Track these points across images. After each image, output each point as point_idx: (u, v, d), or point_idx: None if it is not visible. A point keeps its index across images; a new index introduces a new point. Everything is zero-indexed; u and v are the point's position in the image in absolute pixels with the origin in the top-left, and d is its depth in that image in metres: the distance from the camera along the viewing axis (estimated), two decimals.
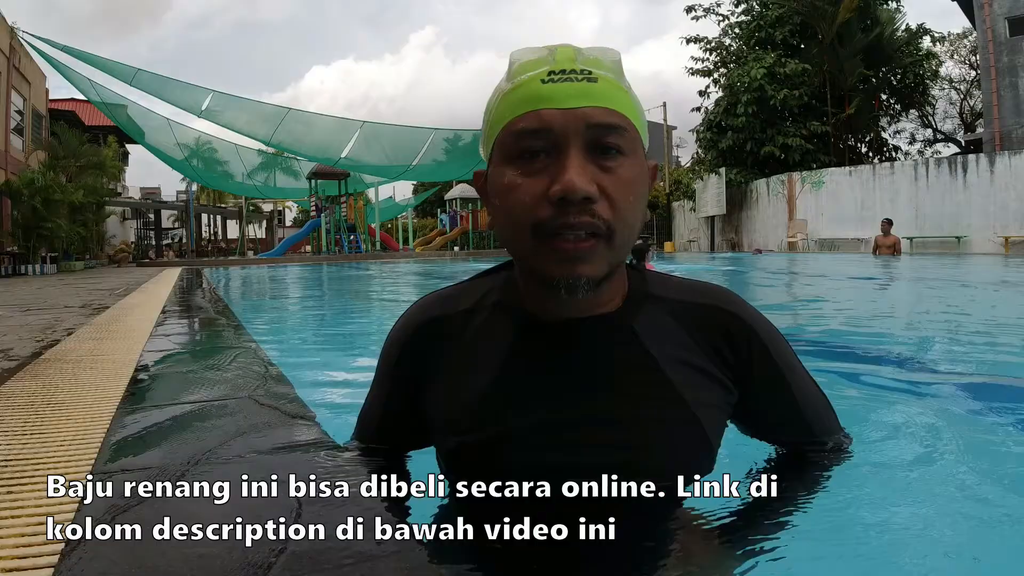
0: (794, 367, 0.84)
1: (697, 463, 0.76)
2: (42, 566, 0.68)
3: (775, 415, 0.84)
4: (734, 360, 0.79)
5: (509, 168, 0.71)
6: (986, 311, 4.51)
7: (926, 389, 2.07)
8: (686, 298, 0.81)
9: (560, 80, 0.69)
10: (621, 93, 0.71)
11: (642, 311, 0.78)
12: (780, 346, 0.83)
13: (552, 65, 0.70)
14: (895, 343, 3.12)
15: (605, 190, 0.68)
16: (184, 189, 29.20)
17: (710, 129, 22.44)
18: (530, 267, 0.73)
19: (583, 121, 0.68)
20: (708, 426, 0.76)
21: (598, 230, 0.68)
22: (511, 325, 0.79)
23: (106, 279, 10.00)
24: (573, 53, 0.71)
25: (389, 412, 0.89)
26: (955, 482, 1.17)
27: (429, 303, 0.87)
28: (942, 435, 1.49)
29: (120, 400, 1.51)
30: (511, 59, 0.74)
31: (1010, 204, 14.40)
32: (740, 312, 0.81)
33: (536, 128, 0.69)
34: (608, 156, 0.69)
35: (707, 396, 0.77)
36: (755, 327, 0.80)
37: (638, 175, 0.72)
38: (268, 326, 4.35)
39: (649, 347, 0.76)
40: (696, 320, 0.79)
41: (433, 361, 0.82)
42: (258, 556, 0.61)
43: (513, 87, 0.72)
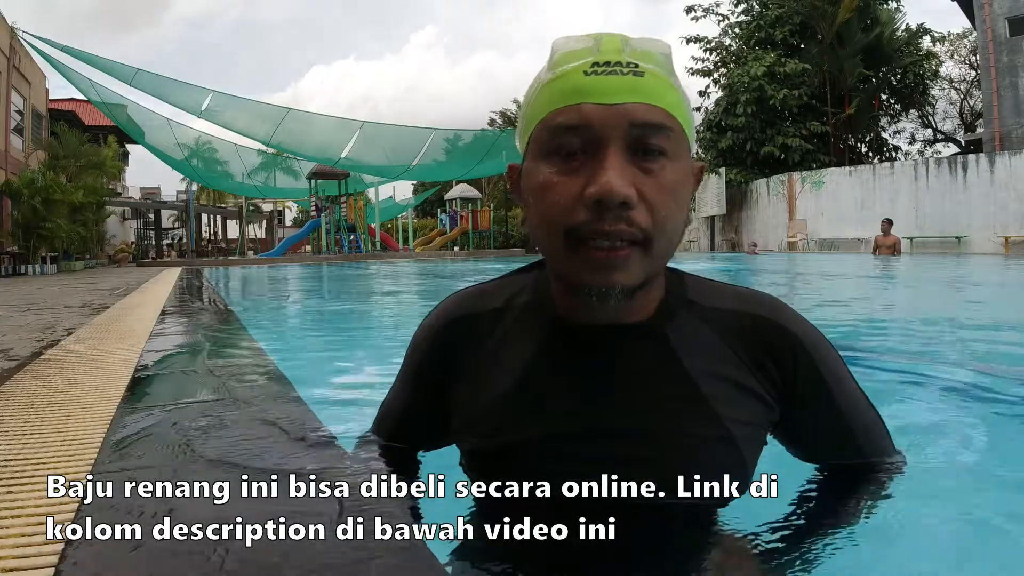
0: (843, 383, 0.78)
1: (729, 481, 0.70)
2: (42, 566, 0.68)
3: (823, 435, 0.79)
4: (778, 375, 0.73)
5: (544, 165, 0.67)
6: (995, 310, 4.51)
7: (942, 388, 2.07)
8: (727, 306, 0.76)
9: (604, 72, 0.64)
10: (670, 90, 0.67)
11: (678, 320, 0.74)
12: (829, 360, 0.77)
13: (597, 56, 0.65)
14: (907, 342, 3.12)
15: (644, 195, 0.63)
16: (184, 189, 29.19)
17: (710, 129, 22.44)
18: (561, 271, 0.69)
19: (626, 119, 0.63)
20: (743, 444, 0.71)
21: (635, 238, 0.63)
22: (539, 328, 0.76)
23: (106, 279, 10.00)
24: (620, 43, 0.66)
25: (411, 409, 0.87)
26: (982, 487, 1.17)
27: (462, 298, 0.84)
28: (968, 437, 1.49)
29: (120, 400, 1.51)
30: (553, 47, 0.69)
31: (1010, 204, 14.40)
32: (786, 323, 0.75)
33: (575, 124, 0.64)
34: (650, 158, 0.64)
35: (744, 412, 0.72)
36: (802, 339, 0.75)
37: (682, 179, 0.67)
38: (268, 326, 4.34)
39: (683, 358, 0.72)
40: (736, 331, 0.74)
41: (459, 359, 0.80)
42: (258, 556, 0.61)
43: (553, 77, 0.67)
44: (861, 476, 0.82)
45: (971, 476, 1.26)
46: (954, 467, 1.29)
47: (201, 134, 21.33)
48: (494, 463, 0.74)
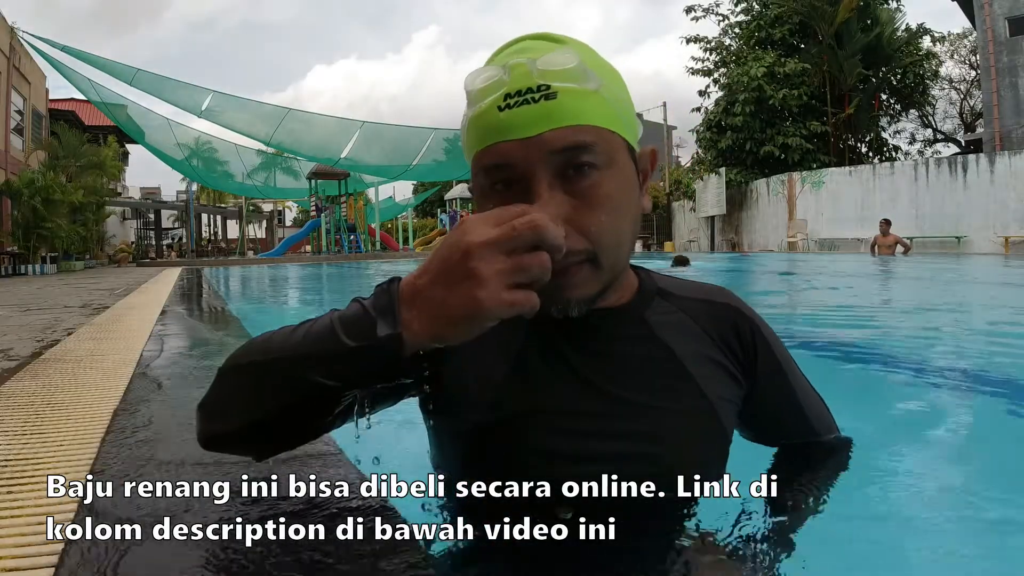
0: (792, 366, 0.85)
1: (715, 456, 0.76)
2: (42, 566, 0.68)
3: (779, 413, 0.85)
4: (742, 354, 0.79)
5: (485, 201, 0.68)
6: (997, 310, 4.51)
7: (937, 389, 2.07)
8: (694, 295, 0.81)
9: (517, 104, 0.64)
10: (587, 101, 0.65)
11: (654, 305, 0.78)
12: (778, 344, 0.84)
13: (508, 86, 0.64)
14: (909, 342, 3.12)
15: (575, 221, 0.64)
16: (184, 189, 29.21)
17: (710, 129, 22.45)
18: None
19: (546, 148, 0.63)
20: (724, 419, 0.76)
21: (577, 258, 0.65)
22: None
23: (106, 279, 10.00)
24: (527, 68, 0.64)
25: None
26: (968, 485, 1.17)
27: None
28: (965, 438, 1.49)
29: (120, 400, 1.51)
30: (465, 84, 0.68)
31: (1010, 204, 14.40)
32: (743, 308, 0.82)
33: (497, 163, 0.65)
34: (580, 176, 0.64)
35: (722, 389, 0.77)
36: (758, 324, 0.82)
37: (620, 184, 0.67)
38: (268, 326, 4.34)
39: (666, 339, 0.76)
40: (706, 315, 0.79)
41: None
42: (258, 556, 0.61)
43: (474, 114, 0.67)
44: (819, 454, 0.88)
45: (970, 471, 1.26)
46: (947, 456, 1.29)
47: (201, 134, 21.35)
48: (495, 442, 0.73)
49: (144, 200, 30.49)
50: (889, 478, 1.18)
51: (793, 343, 2.78)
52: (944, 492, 1.16)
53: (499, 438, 0.73)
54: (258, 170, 23.75)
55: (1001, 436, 1.60)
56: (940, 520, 1.02)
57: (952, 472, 1.30)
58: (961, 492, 1.16)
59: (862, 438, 0.93)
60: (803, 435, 0.87)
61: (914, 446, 1.47)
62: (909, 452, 1.41)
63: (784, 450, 0.89)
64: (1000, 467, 1.32)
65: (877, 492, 1.08)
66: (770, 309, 4.37)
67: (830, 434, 0.88)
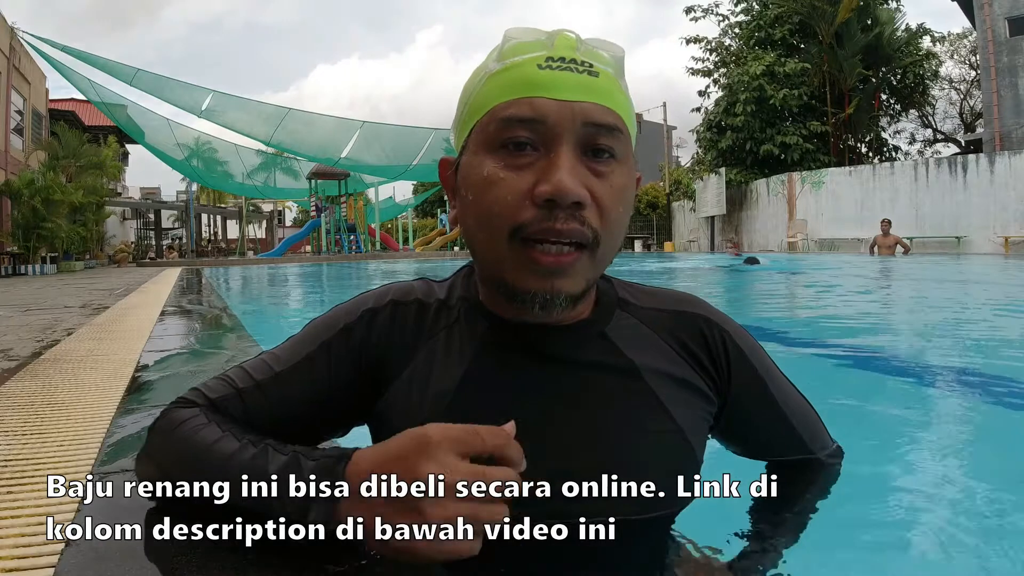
0: (773, 373, 0.79)
1: (683, 474, 0.69)
2: (42, 566, 0.68)
3: (762, 426, 0.78)
4: (712, 367, 0.74)
5: (489, 159, 0.62)
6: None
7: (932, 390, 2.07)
8: (658, 305, 0.76)
9: (559, 68, 0.62)
10: (621, 93, 0.65)
11: (616, 319, 0.73)
12: (756, 351, 0.78)
13: (550, 51, 0.63)
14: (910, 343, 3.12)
15: (596, 196, 0.61)
16: (184, 189, 29.20)
17: (710, 129, 22.46)
18: (500, 277, 0.65)
19: (580, 117, 0.61)
20: (692, 435, 0.70)
21: (584, 239, 0.61)
22: (480, 325, 0.72)
23: (106, 279, 10.00)
24: (574, 42, 0.64)
25: (298, 393, 0.72)
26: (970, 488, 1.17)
27: (408, 285, 0.77)
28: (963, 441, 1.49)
29: (120, 400, 1.51)
30: (505, 36, 0.65)
31: (1010, 204, 14.40)
32: (712, 316, 0.76)
33: (528, 117, 0.61)
34: (601, 159, 0.63)
35: (688, 404, 0.71)
36: (730, 332, 0.76)
37: (628, 183, 0.65)
38: (268, 326, 4.35)
39: (629, 355, 0.71)
40: (670, 327, 0.74)
41: (402, 350, 0.72)
42: (258, 556, 0.61)
43: (504, 68, 0.64)
44: (808, 471, 0.81)
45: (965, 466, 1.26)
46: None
47: (201, 134, 21.35)
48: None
49: (144, 200, 30.47)
50: (888, 479, 1.18)
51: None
52: (943, 491, 1.16)
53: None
54: (258, 170, 23.75)
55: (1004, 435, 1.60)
56: (940, 519, 1.02)
57: (951, 471, 1.30)
58: (961, 492, 1.16)
59: (874, 441, 0.91)
60: (791, 447, 0.80)
61: (922, 449, 1.47)
62: (910, 454, 1.41)
63: (769, 474, 0.80)
64: (1000, 467, 1.32)
65: (877, 492, 1.08)
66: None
67: (820, 445, 0.81)
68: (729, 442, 0.82)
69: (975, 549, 0.90)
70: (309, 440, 0.72)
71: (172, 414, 0.71)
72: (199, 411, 0.70)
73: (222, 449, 0.64)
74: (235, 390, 0.72)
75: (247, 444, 0.64)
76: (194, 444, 0.66)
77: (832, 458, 0.83)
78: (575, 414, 0.68)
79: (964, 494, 1.14)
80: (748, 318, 4.30)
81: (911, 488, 1.16)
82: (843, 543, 0.84)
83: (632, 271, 9.29)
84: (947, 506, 1.07)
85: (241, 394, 0.72)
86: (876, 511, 1.00)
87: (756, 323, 3.95)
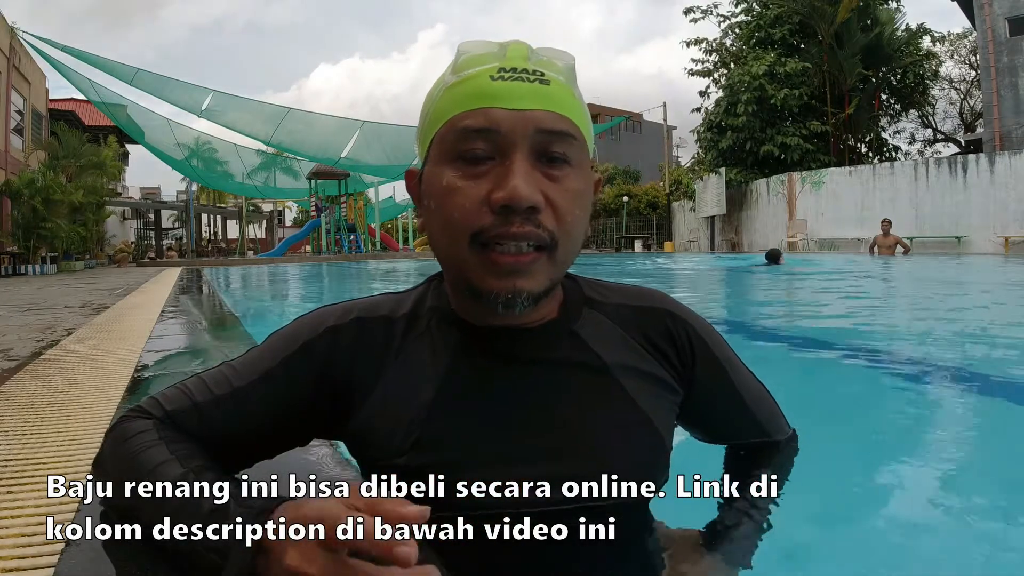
0: (734, 363, 0.82)
1: (655, 466, 0.73)
2: (42, 566, 0.68)
3: (724, 413, 0.82)
4: (676, 359, 0.77)
5: (449, 168, 0.65)
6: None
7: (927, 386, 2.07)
8: (623, 301, 0.79)
9: (511, 78, 0.65)
10: (573, 100, 0.68)
11: (583, 317, 0.75)
12: (718, 342, 0.81)
13: (503, 62, 0.66)
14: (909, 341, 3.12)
15: (551, 199, 0.64)
16: (184, 189, 29.22)
17: (710, 129, 22.45)
18: (464, 279, 0.67)
19: (533, 125, 0.64)
20: (661, 427, 0.74)
21: (542, 241, 0.64)
22: (452, 333, 0.73)
23: (106, 279, 10.01)
24: (526, 51, 0.67)
25: (255, 409, 0.71)
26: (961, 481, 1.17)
27: (373, 300, 0.78)
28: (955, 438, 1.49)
29: (120, 400, 1.51)
30: (459, 50, 0.68)
31: (1010, 204, 14.39)
32: (675, 310, 0.79)
33: (482, 127, 0.64)
34: (555, 165, 0.65)
35: (655, 396, 0.74)
36: (694, 326, 0.79)
37: (584, 188, 0.68)
38: (268, 326, 4.34)
39: (597, 351, 0.73)
40: (636, 322, 0.77)
41: (369, 365, 0.73)
42: None
43: (459, 80, 0.66)
44: (767, 454, 0.85)
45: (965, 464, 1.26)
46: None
47: (201, 134, 21.37)
48: (435, 473, 0.67)
49: (144, 200, 30.50)
50: (889, 479, 1.19)
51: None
52: (943, 492, 1.16)
53: (438, 470, 0.67)
54: (258, 170, 23.76)
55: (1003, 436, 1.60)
56: (940, 520, 1.02)
57: (950, 472, 1.30)
58: (962, 492, 1.16)
59: (870, 435, 0.92)
60: (750, 432, 0.84)
61: (916, 445, 1.47)
62: (906, 450, 1.41)
63: (731, 454, 0.86)
64: (1001, 467, 1.32)
65: (878, 492, 1.08)
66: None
67: (776, 428, 0.86)
68: (693, 428, 0.86)
69: (975, 549, 0.90)
70: (266, 453, 0.76)
71: (125, 424, 0.71)
72: (152, 425, 0.70)
73: (163, 473, 0.64)
74: (192, 403, 0.72)
75: (188, 473, 0.63)
76: (137, 465, 0.65)
77: (789, 441, 0.87)
78: (552, 413, 0.71)
79: (965, 494, 1.14)
80: (748, 318, 4.30)
81: (911, 488, 1.16)
82: (843, 543, 0.85)
83: (662, 271, 9.23)
84: (947, 506, 1.07)
85: (198, 407, 0.72)
86: (876, 511, 1.00)
87: (756, 323, 3.95)
